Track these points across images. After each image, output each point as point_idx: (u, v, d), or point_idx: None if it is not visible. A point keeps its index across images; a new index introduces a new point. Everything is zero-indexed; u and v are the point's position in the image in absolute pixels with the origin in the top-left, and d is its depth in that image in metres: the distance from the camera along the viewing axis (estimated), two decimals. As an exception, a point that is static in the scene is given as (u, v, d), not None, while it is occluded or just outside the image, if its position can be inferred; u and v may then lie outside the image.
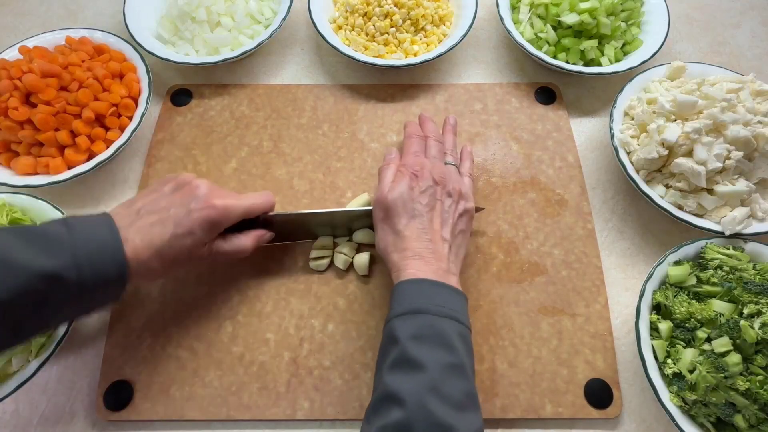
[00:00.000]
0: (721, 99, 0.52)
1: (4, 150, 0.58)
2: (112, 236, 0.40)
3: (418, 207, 0.47)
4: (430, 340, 0.40)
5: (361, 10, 0.66)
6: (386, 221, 0.47)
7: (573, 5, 0.64)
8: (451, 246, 0.47)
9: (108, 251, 0.40)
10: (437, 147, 0.53)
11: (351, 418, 0.48)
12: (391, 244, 0.46)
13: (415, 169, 0.49)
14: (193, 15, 0.66)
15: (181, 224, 0.43)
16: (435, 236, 0.46)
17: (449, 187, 0.49)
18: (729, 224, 0.51)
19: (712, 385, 0.43)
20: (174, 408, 0.48)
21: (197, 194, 0.45)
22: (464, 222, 0.49)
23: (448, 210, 0.48)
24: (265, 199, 0.50)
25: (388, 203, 0.47)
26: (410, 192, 0.47)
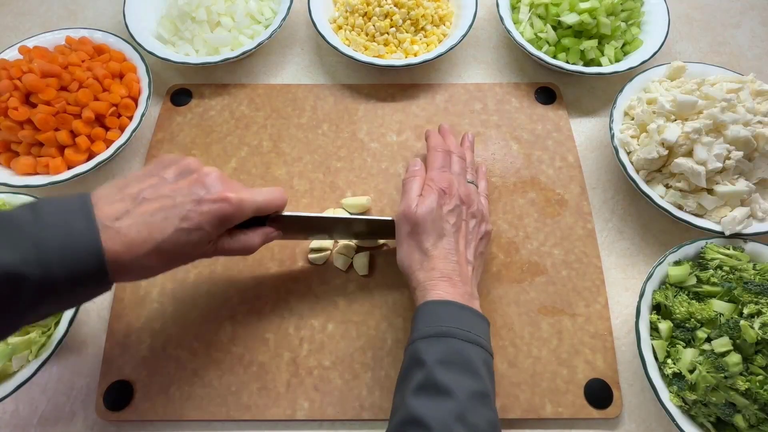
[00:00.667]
0: (721, 99, 0.52)
1: (4, 150, 0.58)
2: (87, 225, 0.34)
3: (447, 227, 0.46)
4: (458, 365, 0.39)
5: (361, 10, 0.66)
6: (412, 237, 0.46)
7: (573, 5, 0.64)
8: (474, 268, 0.46)
9: (81, 243, 0.33)
10: (460, 164, 0.52)
11: (351, 419, 0.48)
12: (417, 262, 0.45)
13: (443, 185, 0.48)
14: (193, 15, 0.66)
15: (189, 217, 0.37)
16: (461, 258, 0.45)
17: (473, 208, 0.48)
18: (729, 224, 0.51)
19: (712, 385, 0.43)
20: (174, 408, 0.48)
21: (208, 184, 0.39)
22: (483, 245, 0.49)
23: (472, 231, 0.48)
24: (279, 196, 0.45)
25: (417, 219, 0.46)
26: (439, 210, 0.46)
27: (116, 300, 0.53)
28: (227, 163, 0.61)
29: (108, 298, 0.53)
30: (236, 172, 0.60)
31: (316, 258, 0.54)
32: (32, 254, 0.32)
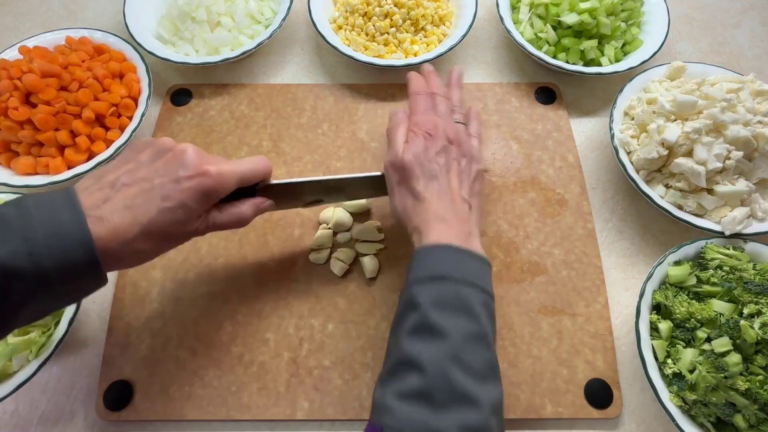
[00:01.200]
0: (721, 99, 0.52)
1: (4, 150, 0.58)
2: (72, 214, 0.34)
3: (436, 168, 0.45)
4: (453, 307, 0.38)
5: (361, 10, 0.66)
6: (402, 184, 0.45)
7: (573, 5, 0.64)
8: (471, 206, 0.45)
9: (69, 232, 0.33)
10: (446, 104, 0.50)
11: (351, 418, 0.48)
12: (410, 208, 0.44)
13: (428, 128, 0.46)
14: (193, 15, 0.66)
15: (170, 196, 0.37)
16: (455, 197, 0.44)
17: (464, 147, 0.47)
18: (729, 224, 0.51)
19: (712, 385, 0.43)
20: (174, 408, 0.48)
21: (185, 160, 0.39)
22: (479, 183, 0.48)
23: (463, 171, 0.46)
24: (262, 164, 0.44)
25: (405, 165, 0.45)
26: (426, 152, 0.45)
27: (116, 300, 0.53)
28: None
29: (108, 297, 0.53)
30: (236, 172, 0.60)
31: (317, 258, 0.54)
32: (21, 248, 0.32)
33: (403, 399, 0.35)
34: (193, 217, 0.39)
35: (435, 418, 0.34)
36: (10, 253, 0.31)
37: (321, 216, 0.56)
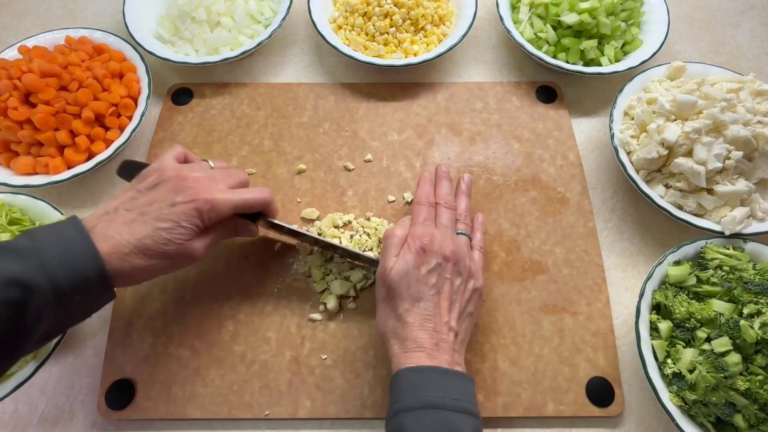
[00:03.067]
0: (721, 99, 0.52)
1: (4, 150, 0.58)
2: (78, 234, 0.38)
3: (424, 289, 0.43)
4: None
5: (361, 9, 0.66)
6: (387, 301, 0.44)
7: (573, 5, 0.64)
8: (458, 333, 0.43)
9: (78, 249, 0.37)
10: (449, 215, 0.48)
11: (353, 417, 0.48)
12: (390, 330, 0.43)
13: (424, 241, 0.44)
14: (192, 15, 0.66)
15: (164, 217, 0.40)
16: (440, 324, 0.42)
17: (460, 265, 0.45)
18: (729, 224, 0.51)
19: (711, 385, 0.43)
20: (176, 407, 0.48)
21: (183, 188, 0.42)
22: (473, 304, 0.45)
23: (457, 291, 0.44)
24: (260, 196, 0.46)
25: (391, 282, 0.43)
26: (416, 271, 0.43)
27: (117, 299, 0.53)
28: (228, 162, 0.61)
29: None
30: (237, 172, 0.60)
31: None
32: (36, 265, 0.35)
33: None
34: (188, 237, 0.41)
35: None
36: (27, 270, 0.35)
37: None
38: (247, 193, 0.45)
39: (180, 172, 0.43)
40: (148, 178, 0.43)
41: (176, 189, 0.42)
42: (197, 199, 0.41)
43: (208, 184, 0.43)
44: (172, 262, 0.42)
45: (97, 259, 0.37)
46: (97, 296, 0.39)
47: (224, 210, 0.43)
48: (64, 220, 0.39)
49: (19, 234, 0.39)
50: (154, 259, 0.40)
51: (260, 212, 0.49)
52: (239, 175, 0.47)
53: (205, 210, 0.42)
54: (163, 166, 0.44)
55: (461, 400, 0.39)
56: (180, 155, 0.47)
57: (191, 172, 0.43)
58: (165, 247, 0.40)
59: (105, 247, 0.38)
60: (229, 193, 0.44)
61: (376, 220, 0.57)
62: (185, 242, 0.41)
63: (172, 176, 0.42)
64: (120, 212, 0.41)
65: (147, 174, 0.44)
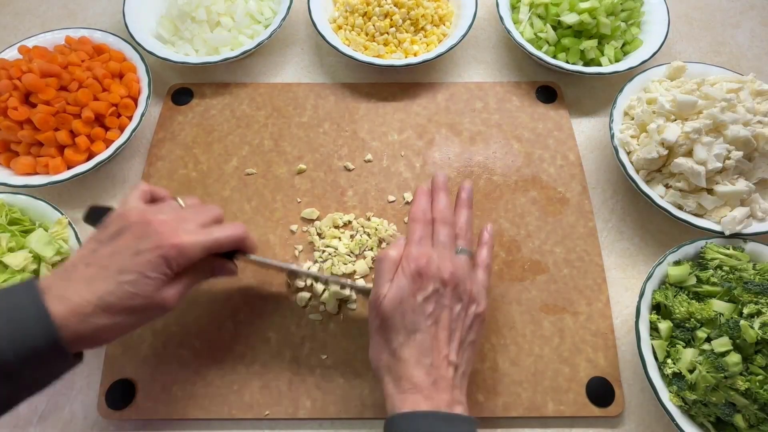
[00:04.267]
0: (721, 99, 0.52)
1: (4, 150, 0.58)
2: (31, 300, 0.34)
3: (420, 320, 0.39)
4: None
5: (361, 9, 0.66)
6: (381, 333, 0.40)
7: (573, 5, 0.64)
8: (458, 367, 0.39)
9: (29, 318, 0.33)
10: (447, 232, 0.43)
11: (353, 417, 0.48)
12: (384, 366, 0.39)
13: (419, 264, 0.40)
14: (192, 15, 0.66)
15: (127, 269, 0.36)
16: (438, 358, 0.38)
17: (460, 288, 0.40)
18: (729, 224, 0.51)
19: (711, 385, 0.43)
20: (176, 407, 0.48)
21: (147, 233, 0.38)
22: (475, 331, 0.41)
23: (456, 319, 0.40)
24: (233, 232, 0.42)
25: (384, 313, 0.39)
26: (411, 299, 0.39)
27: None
28: (228, 162, 0.61)
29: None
30: (237, 171, 0.60)
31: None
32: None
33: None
34: (156, 287, 0.37)
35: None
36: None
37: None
38: (219, 231, 0.41)
39: (144, 215, 0.39)
40: (110, 227, 0.39)
41: (140, 235, 0.38)
42: (162, 245, 0.37)
43: (176, 226, 0.39)
44: (142, 316, 0.38)
45: (49, 328, 0.33)
46: (52, 367, 0.35)
47: (194, 253, 0.39)
48: (20, 283, 0.36)
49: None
50: (120, 316, 0.36)
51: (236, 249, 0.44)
52: (211, 212, 0.43)
53: (172, 256, 0.37)
54: (126, 211, 0.40)
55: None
56: (146, 194, 0.43)
57: (157, 215, 0.39)
58: (131, 301, 0.36)
59: (61, 311, 0.34)
60: (200, 233, 0.40)
61: (377, 220, 0.57)
62: (153, 293, 0.37)
63: (136, 221, 0.38)
64: (79, 268, 0.37)
65: (109, 222, 0.40)
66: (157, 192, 0.45)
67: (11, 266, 0.47)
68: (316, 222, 0.57)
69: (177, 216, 0.40)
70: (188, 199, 0.45)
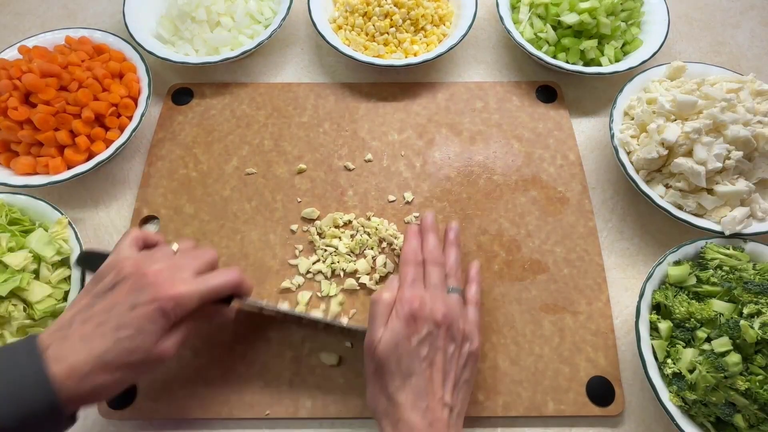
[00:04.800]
0: (721, 99, 0.52)
1: (4, 150, 0.58)
2: (30, 361, 0.34)
3: (415, 363, 0.40)
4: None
5: (361, 9, 0.66)
6: (377, 378, 0.41)
7: (573, 5, 0.64)
8: (453, 408, 0.40)
9: (28, 380, 0.33)
10: (437, 273, 0.45)
11: (353, 417, 0.48)
12: (382, 411, 0.40)
13: (413, 307, 0.41)
14: (192, 15, 0.66)
15: (125, 324, 0.36)
16: (433, 401, 0.39)
17: (453, 329, 0.42)
18: (729, 224, 0.51)
19: (711, 385, 0.43)
20: (176, 406, 0.48)
21: (143, 286, 0.38)
22: (468, 370, 0.42)
23: (450, 360, 0.41)
24: (229, 278, 0.42)
25: (380, 358, 0.40)
26: (406, 343, 0.40)
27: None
28: (228, 162, 0.61)
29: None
30: (237, 171, 0.60)
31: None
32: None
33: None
34: (154, 340, 0.37)
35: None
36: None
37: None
38: (214, 279, 0.41)
39: (139, 267, 0.39)
40: (104, 279, 0.39)
41: (136, 288, 0.37)
42: (159, 298, 0.37)
43: (171, 275, 0.39)
44: (140, 370, 0.38)
45: (49, 391, 0.33)
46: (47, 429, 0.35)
47: (191, 304, 0.39)
48: (19, 343, 0.36)
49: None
50: (118, 373, 0.36)
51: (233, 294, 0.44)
52: (205, 256, 0.43)
53: (169, 308, 0.37)
54: (120, 262, 0.39)
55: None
56: (138, 240, 0.43)
57: (151, 265, 0.39)
58: (129, 357, 0.36)
59: (60, 372, 0.34)
60: (196, 282, 0.40)
61: (377, 220, 0.57)
62: (152, 346, 0.37)
63: (130, 273, 0.38)
64: (75, 325, 0.37)
65: (103, 273, 0.39)
66: (150, 237, 0.44)
67: (11, 266, 0.47)
68: (317, 222, 0.57)
69: (171, 264, 0.40)
70: (182, 243, 0.45)
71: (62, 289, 0.50)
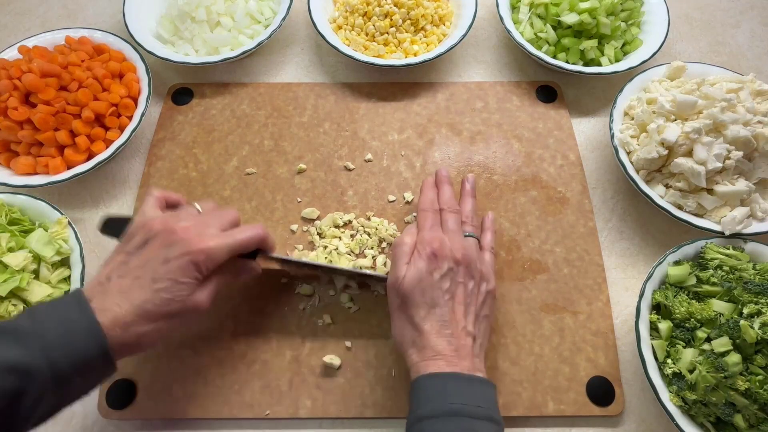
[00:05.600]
0: (721, 99, 0.52)
1: (4, 150, 0.58)
2: (82, 313, 0.36)
3: (438, 295, 0.42)
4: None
5: (361, 9, 0.66)
6: (403, 310, 0.43)
7: (573, 5, 0.64)
8: (476, 338, 0.42)
9: (81, 329, 0.35)
10: (455, 219, 0.47)
11: (353, 417, 0.48)
12: (409, 339, 0.42)
13: (433, 247, 0.44)
14: (192, 15, 0.66)
15: (160, 277, 0.38)
16: (457, 329, 0.42)
17: (472, 268, 0.44)
18: (729, 224, 0.51)
19: (711, 385, 0.43)
20: (176, 406, 0.48)
21: (173, 242, 0.39)
22: (487, 307, 0.45)
23: (470, 294, 0.43)
24: (255, 233, 0.44)
25: (405, 291, 0.42)
26: (429, 277, 0.42)
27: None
28: (228, 161, 0.61)
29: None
30: (237, 171, 0.60)
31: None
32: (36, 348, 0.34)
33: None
34: (189, 291, 0.39)
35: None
36: (27, 355, 0.33)
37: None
38: (241, 233, 0.43)
39: (167, 224, 0.40)
40: (134, 238, 0.41)
41: (167, 244, 0.39)
42: (191, 251, 0.39)
43: (200, 231, 0.41)
44: (179, 320, 0.40)
45: (100, 338, 0.35)
46: (98, 374, 0.37)
47: (220, 256, 0.41)
48: (67, 296, 0.38)
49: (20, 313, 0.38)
50: (159, 322, 0.38)
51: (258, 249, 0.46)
52: (229, 215, 0.45)
53: (201, 260, 0.39)
54: (148, 221, 0.41)
55: (483, 407, 0.38)
56: (161, 201, 0.45)
57: (178, 223, 0.41)
58: (167, 307, 0.38)
59: (106, 321, 0.36)
60: (223, 237, 0.42)
61: (377, 220, 0.57)
62: (187, 297, 0.39)
63: (159, 231, 0.40)
64: (113, 280, 0.39)
65: (133, 233, 0.41)
66: (171, 197, 0.46)
67: (11, 266, 0.47)
68: (317, 222, 0.57)
69: (198, 222, 0.42)
70: (205, 204, 0.46)
71: (62, 289, 0.50)
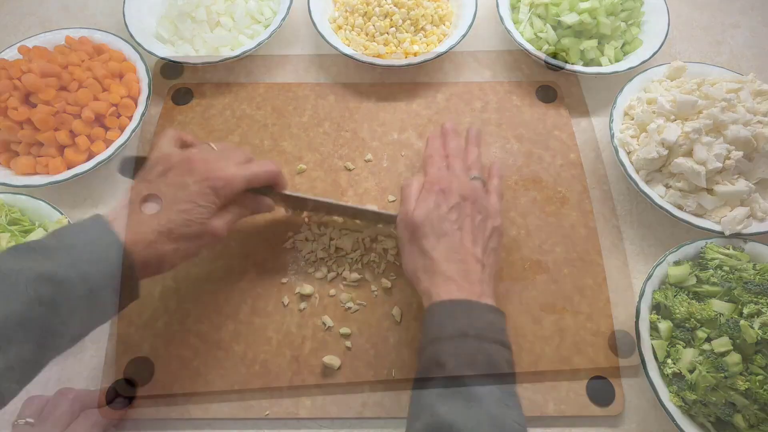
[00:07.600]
0: (721, 99, 0.52)
1: (4, 150, 0.58)
2: (103, 230, 0.38)
3: (447, 225, 0.44)
4: (482, 368, 0.38)
5: (361, 9, 0.66)
6: (413, 242, 0.45)
7: (573, 5, 0.64)
8: (485, 265, 0.44)
9: (104, 244, 0.38)
10: (461, 163, 0.50)
11: (353, 417, 0.48)
12: (420, 267, 0.44)
13: (441, 185, 0.46)
14: (192, 15, 0.66)
15: (181, 200, 0.41)
16: (466, 256, 0.43)
17: (478, 204, 0.46)
18: (729, 224, 0.51)
19: (711, 385, 0.43)
20: (176, 407, 0.48)
21: (193, 168, 0.42)
22: (495, 240, 0.46)
23: (478, 227, 0.45)
24: (269, 168, 0.47)
25: (415, 222, 0.44)
26: (437, 209, 0.45)
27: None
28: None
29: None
30: (237, 172, 0.60)
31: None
32: (67, 262, 0.36)
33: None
34: (208, 215, 0.42)
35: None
36: (58, 266, 0.35)
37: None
38: (256, 167, 0.46)
39: (186, 155, 0.44)
40: (155, 168, 0.43)
41: (186, 172, 0.42)
42: (210, 177, 0.42)
43: (217, 161, 0.44)
44: (198, 242, 0.42)
45: (124, 253, 0.38)
46: (125, 291, 0.39)
47: (237, 184, 0.44)
48: (87, 219, 0.40)
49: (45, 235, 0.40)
50: (179, 242, 0.41)
51: (270, 187, 0.49)
52: (243, 152, 0.48)
53: (219, 186, 0.42)
54: (166, 155, 0.44)
55: (491, 331, 0.40)
56: (176, 138, 0.47)
57: (196, 155, 0.44)
58: (187, 228, 0.41)
59: (129, 239, 0.38)
60: (239, 168, 0.45)
61: (377, 220, 0.57)
62: (206, 221, 0.42)
63: (178, 162, 0.43)
64: (134, 204, 0.41)
65: (153, 165, 0.44)
66: (186, 136, 0.48)
67: (11, 266, 0.47)
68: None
69: (214, 156, 0.45)
70: (218, 144, 0.49)
71: (62, 289, 0.50)
